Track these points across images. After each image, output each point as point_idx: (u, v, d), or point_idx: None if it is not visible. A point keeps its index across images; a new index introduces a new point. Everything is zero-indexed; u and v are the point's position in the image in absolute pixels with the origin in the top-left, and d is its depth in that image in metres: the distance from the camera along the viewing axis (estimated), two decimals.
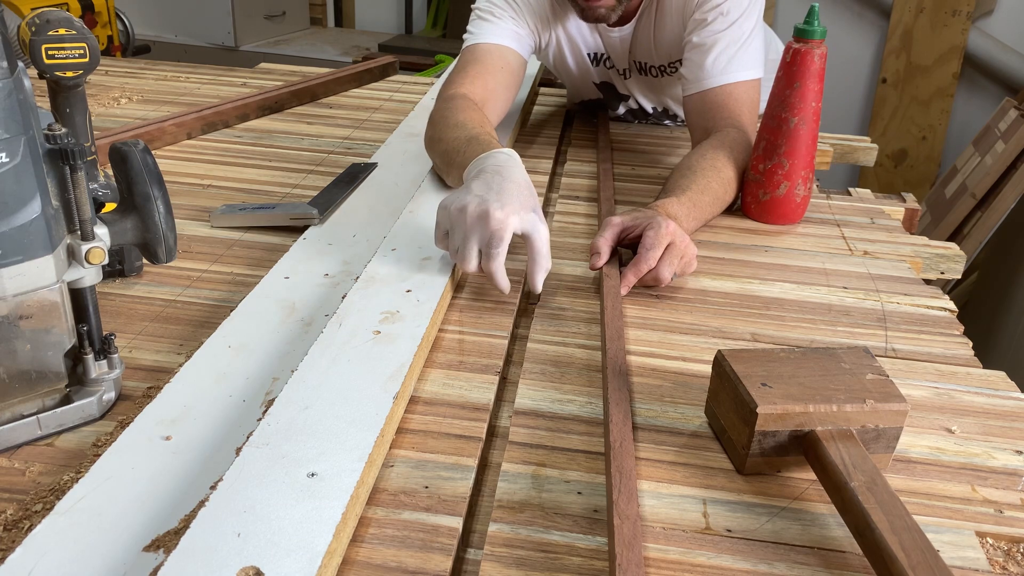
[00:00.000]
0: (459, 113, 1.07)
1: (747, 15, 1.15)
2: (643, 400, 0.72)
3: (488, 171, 0.87)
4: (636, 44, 1.30)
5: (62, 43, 0.78)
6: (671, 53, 1.28)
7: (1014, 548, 0.58)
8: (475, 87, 1.16)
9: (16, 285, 0.59)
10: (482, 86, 1.17)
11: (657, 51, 1.29)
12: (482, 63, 1.20)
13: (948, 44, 2.97)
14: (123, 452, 0.60)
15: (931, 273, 1.08)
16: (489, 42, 1.22)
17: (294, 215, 1.03)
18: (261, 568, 0.47)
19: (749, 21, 1.15)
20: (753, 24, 1.16)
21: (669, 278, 0.87)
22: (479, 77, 1.18)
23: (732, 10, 1.14)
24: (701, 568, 0.54)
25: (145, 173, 0.64)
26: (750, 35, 1.15)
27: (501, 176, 0.85)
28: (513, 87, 1.23)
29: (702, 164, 1.06)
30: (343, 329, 0.73)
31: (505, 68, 1.21)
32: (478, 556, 0.56)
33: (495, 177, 0.85)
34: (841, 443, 0.59)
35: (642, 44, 1.29)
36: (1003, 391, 0.76)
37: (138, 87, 1.65)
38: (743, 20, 1.14)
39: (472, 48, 1.22)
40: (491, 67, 1.20)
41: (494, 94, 1.18)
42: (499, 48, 1.21)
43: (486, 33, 1.22)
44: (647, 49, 1.30)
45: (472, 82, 1.17)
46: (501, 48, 1.21)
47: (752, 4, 1.15)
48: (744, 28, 1.15)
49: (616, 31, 1.29)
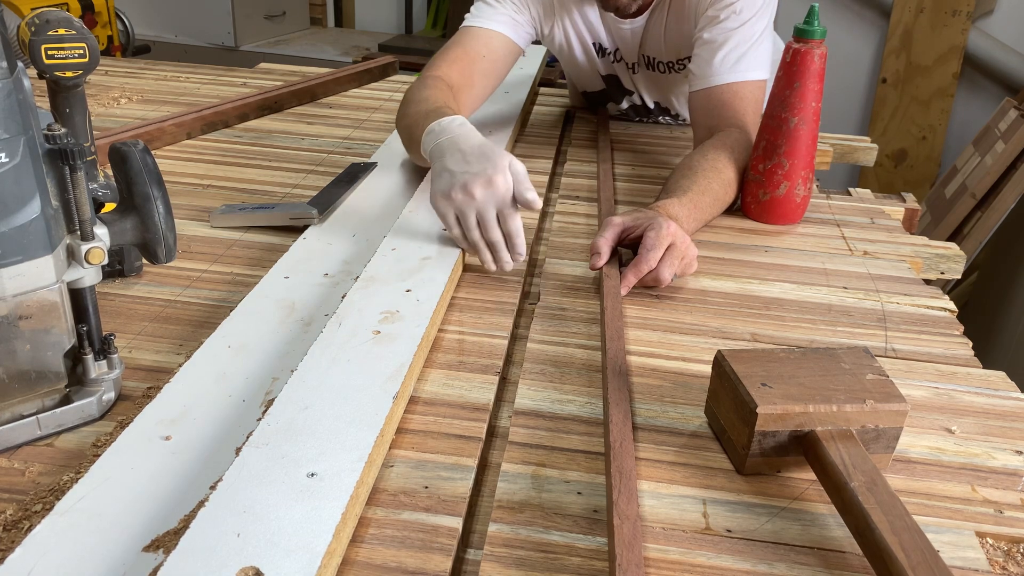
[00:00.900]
0: (425, 90, 1.10)
1: (759, 16, 1.15)
2: (643, 400, 0.72)
3: (451, 145, 0.91)
4: (647, 37, 1.30)
5: (62, 43, 0.78)
6: (680, 49, 1.29)
7: (1014, 548, 0.58)
8: (452, 71, 1.18)
9: (16, 285, 0.59)
10: (459, 71, 1.18)
11: (667, 46, 1.29)
12: (464, 48, 1.22)
13: (948, 44, 2.97)
14: (123, 452, 0.60)
15: (931, 273, 1.08)
16: (482, 26, 1.23)
17: (294, 215, 1.03)
18: (261, 568, 0.47)
19: (761, 22, 1.15)
20: (764, 25, 1.16)
21: (670, 279, 0.87)
22: (457, 62, 1.20)
23: (745, 9, 1.14)
24: (701, 568, 0.54)
25: (145, 173, 0.64)
26: (760, 36, 1.15)
27: (468, 143, 0.90)
28: (493, 75, 1.24)
29: (703, 165, 1.06)
30: (343, 329, 0.73)
31: (488, 56, 1.22)
32: (478, 556, 0.56)
33: (463, 146, 0.90)
34: (841, 443, 0.59)
35: (653, 38, 1.29)
36: (1003, 391, 0.76)
37: (138, 87, 1.65)
38: (755, 20, 1.15)
39: (464, 31, 1.25)
40: (473, 53, 1.21)
41: (470, 80, 1.19)
42: (488, 34, 1.23)
43: (484, 17, 1.24)
44: (657, 44, 1.30)
45: (450, 66, 1.19)
46: (491, 34, 1.23)
47: (765, 5, 1.16)
48: (755, 28, 1.15)
49: (628, 23, 1.29)
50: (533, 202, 0.86)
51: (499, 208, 0.86)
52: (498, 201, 0.85)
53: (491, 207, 0.85)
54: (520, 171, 0.87)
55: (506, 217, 0.86)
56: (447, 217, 0.88)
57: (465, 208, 0.86)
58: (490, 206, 0.85)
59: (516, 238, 0.87)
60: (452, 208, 0.87)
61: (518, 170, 0.87)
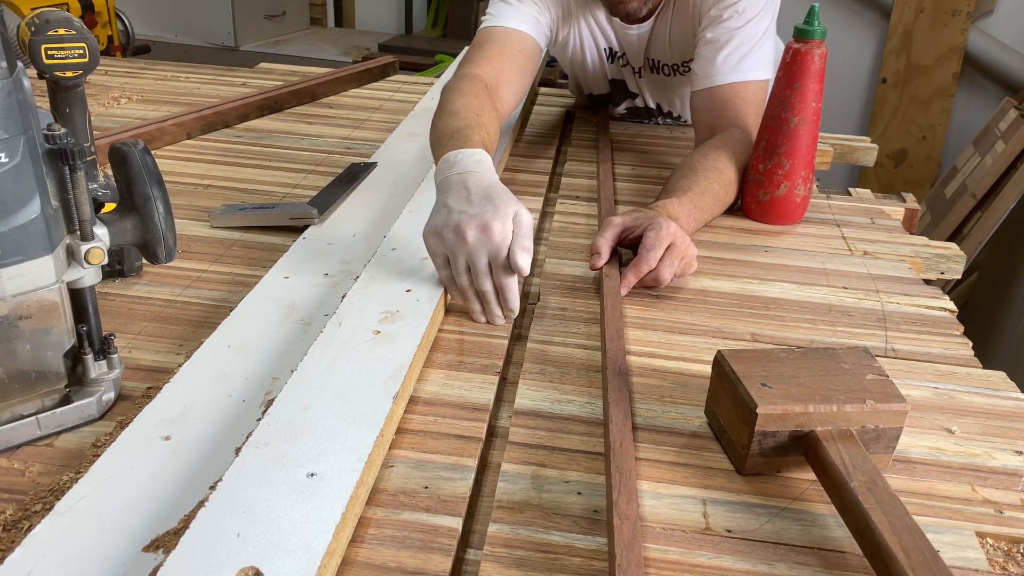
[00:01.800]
0: (460, 98, 1.04)
1: (762, 16, 1.15)
2: (643, 400, 0.72)
3: (458, 182, 0.83)
4: (653, 42, 1.30)
5: (62, 43, 0.78)
6: (684, 52, 1.29)
7: (1014, 548, 0.58)
8: (491, 68, 1.15)
9: (16, 285, 0.59)
10: (497, 68, 1.16)
11: (672, 49, 1.29)
12: (500, 44, 1.19)
13: (948, 44, 2.97)
14: (122, 452, 0.60)
15: (931, 273, 1.08)
16: (509, 26, 1.21)
17: (294, 215, 1.03)
18: (261, 568, 0.47)
19: (763, 23, 1.15)
20: (767, 26, 1.16)
21: (669, 279, 0.87)
22: (496, 58, 1.17)
23: (748, 9, 1.14)
24: (701, 568, 0.54)
25: (145, 173, 0.64)
26: (763, 36, 1.15)
27: (477, 182, 0.82)
28: (529, 72, 1.22)
29: (704, 165, 1.06)
30: (343, 329, 0.73)
31: (523, 52, 1.20)
32: (478, 556, 0.56)
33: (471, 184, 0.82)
34: (841, 443, 0.59)
35: (659, 42, 1.30)
36: (1003, 391, 0.76)
37: (138, 87, 1.65)
38: (758, 20, 1.15)
39: (491, 30, 1.21)
40: (509, 49, 1.19)
41: (509, 77, 1.17)
42: (518, 33, 1.21)
43: (507, 16, 1.22)
44: (663, 47, 1.30)
45: (489, 62, 1.16)
46: (520, 34, 1.21)
47: (768, 6, 1.16)
48: (758, 28, 1.15)
49: (635, 28, 1.29)
50: (522, 268, 0.78)
51: (492, 257, 0.78)
52: (492, 250, 0.78)
53: (482, 255, 0.78)
54: (525, 223, 0.79)
55: (498, 268, 0.78)
56: (435, 257, 0.81)
57: (455, 250, 0.79)
58: (481, 253, 0.78)
59: (507, 292, 0.80)
60: (442, 247, 0.80)
61: (523, 221, 0.79)
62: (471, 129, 0.94)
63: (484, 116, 1.01)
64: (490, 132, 0.98)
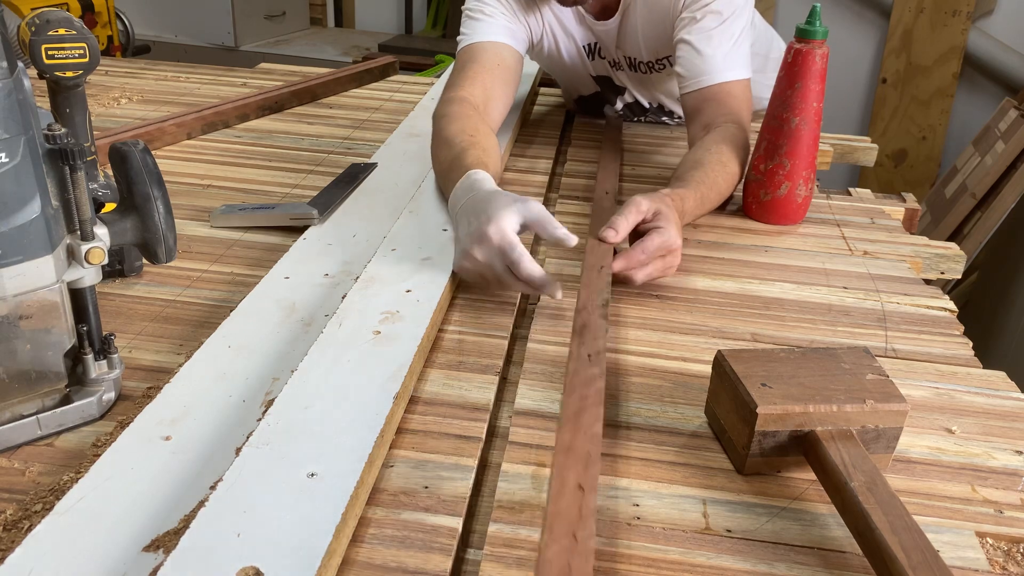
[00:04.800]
0: (451, 124, 1.07)
1: (737, 15, 1.15)
2: (643, 400, 0.72)
3: (463, 210, 0.88)
4: (623, 38, 1.29)
5: (62, 43, 0.78)
6: (659, 50, 1.28)
7: (1014, 548, 0.58)
8: (475, 88, 1.16)
9: (16, 285, 0.59)
10: (481, 86, 1.16)
11: (645, 46, 1.29)
12: (479, 62, 1.19)
13: (948, 44, 2.97)
14: (123, 452, 0.60)
15: (931, 273, 1.08)
16: (483, 40, 1.21)
17: (294, 215, 1.03)
18: (261, 568, 0.47)
19: (740, 21, 1.15)
20: (743, 25, 1.16)
21: (639, 282, 0.89)
22: (478, 77, 1.17)
23: (724, 9, 1.14)
24: (701, 568, 0.54)
25: (145, 173, 0.64)
26: (740, 36, 1.16)
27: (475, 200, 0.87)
28: (512, 83, 1.23)
29: (710, 159, 1.06)
30: (343, 329, 0.73)
31: (502, 65, 1.21)
32: (478, 556, 0.56)
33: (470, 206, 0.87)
34: (841, 443, 0.59)
35: (629, 38, 1.29)
36: (1003, 391, 0.76)
37: (138, 87, 1.65)
38: (735, 19, 1.15)
39: (467, 48, 1.22)
40: (488, 65, 1.19)
41: (493, 93, 1.18)
42: (494, 45, 1.21)
43: (479, 32, 1.22)
44: (634, 44, 1.29)
45: (472, 83, 1.16)
46: (496, 45, 1.21)
47: (744, 5, 1.16)
48: (736, 27, 1.15)
49: (602, 24, 1.28)
50: (564, 239, 0.82)
51: (504, 258, 0.80)
52: (498, 253, 0.80)
53: (497, 262, 0.81)
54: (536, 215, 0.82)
55: (513, 264, 0.80)
56: (476, 282, 0.86)
57: (479, 271, 0.83)
58: (495, 261, 0.81)
59: (532, 282, 0.81)
60: (471, 274, 0.85)
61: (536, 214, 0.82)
62: (465, 153, 0.98)
63: (478, 135, 1.04)
64: (486, 148, 1.01)
